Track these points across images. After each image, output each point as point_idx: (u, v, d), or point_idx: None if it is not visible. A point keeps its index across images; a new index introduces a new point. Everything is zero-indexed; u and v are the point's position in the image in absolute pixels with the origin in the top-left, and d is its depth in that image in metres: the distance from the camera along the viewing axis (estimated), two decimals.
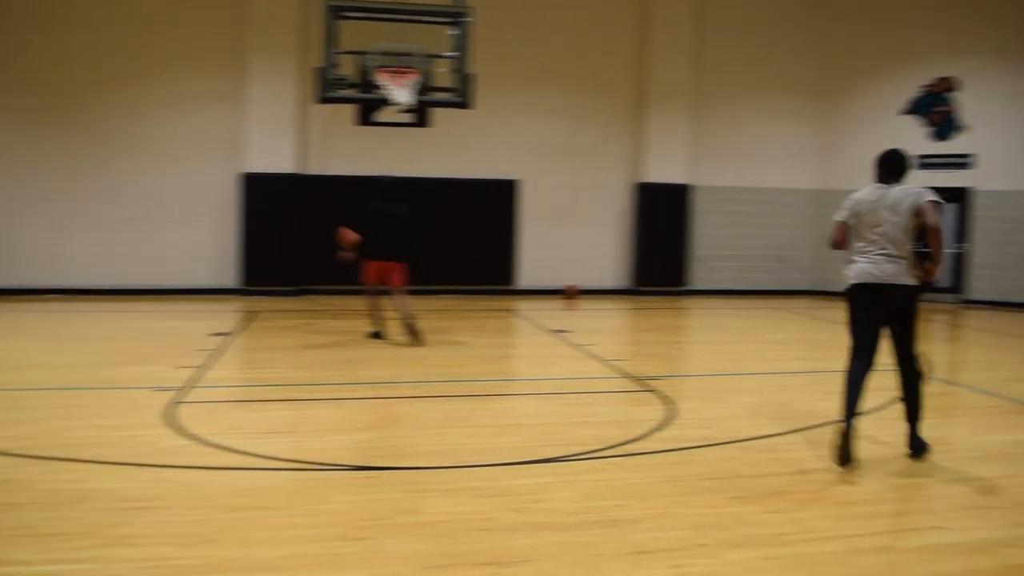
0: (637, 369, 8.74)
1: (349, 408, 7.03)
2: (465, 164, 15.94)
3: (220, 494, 4.63)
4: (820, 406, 7.18)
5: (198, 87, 15.01)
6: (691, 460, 5.48)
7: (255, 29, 14.81)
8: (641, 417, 6.69)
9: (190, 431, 5.86)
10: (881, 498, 4.87)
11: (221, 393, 7.43)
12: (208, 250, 15.22)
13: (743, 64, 17.04)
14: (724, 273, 17.20)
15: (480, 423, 6.51)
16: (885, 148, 5.78)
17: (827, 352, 10.60)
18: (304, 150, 15.37)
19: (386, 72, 11.29)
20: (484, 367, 9.11)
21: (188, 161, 15.05)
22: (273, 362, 8.99)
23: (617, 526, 4.28)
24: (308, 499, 4.61)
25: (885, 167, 5.74)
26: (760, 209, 17.29)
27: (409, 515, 4.37)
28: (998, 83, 15.67)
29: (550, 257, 16.44)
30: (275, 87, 14.96)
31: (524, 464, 5.32)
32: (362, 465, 5.27)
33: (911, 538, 4.22)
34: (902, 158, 5.73)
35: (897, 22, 16.47)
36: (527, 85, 16.15)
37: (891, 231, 5.51)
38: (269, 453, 5.42)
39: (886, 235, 5.53)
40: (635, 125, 16.74)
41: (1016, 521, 4.49)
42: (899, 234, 5.49)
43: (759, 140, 17.24)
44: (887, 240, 5.53)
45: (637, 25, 16.56)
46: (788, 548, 4.05)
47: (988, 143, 15.56)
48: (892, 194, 5.59)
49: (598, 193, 16.69)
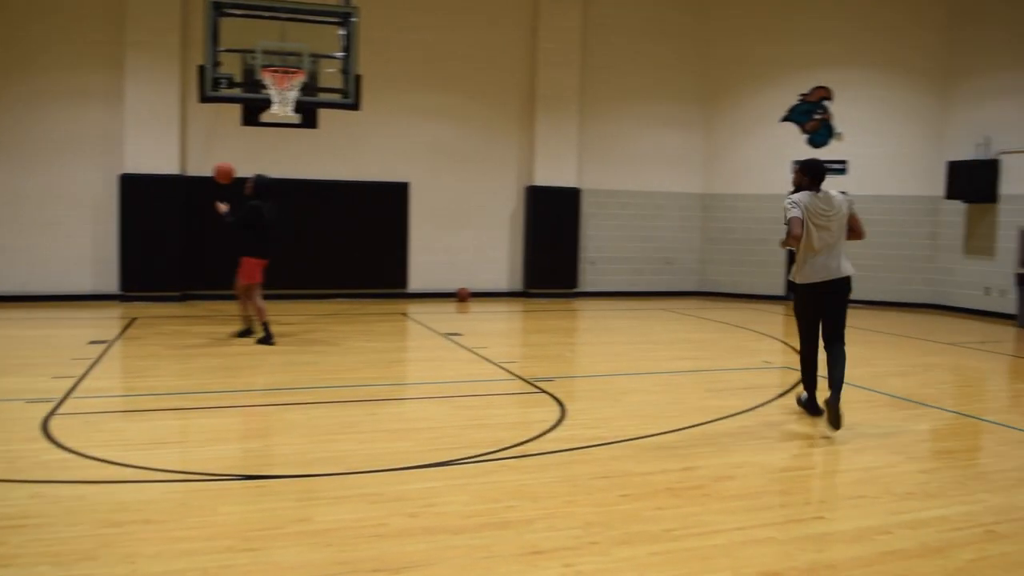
0: (529, 371, 8.80)
1: (237, 416, 6.85)
2: (354, 166, 15.76)
3: (101, 509, 4.45)
4: (707, 404, 7.39)
5: (75, 83, 14.33)
6: (583, 460, 5.55)
7: (134, 24, 14.26)
8: (533, 419, 6.75)
9: (68, 444, 5.61)
10: (764, 491, 5.03)
11: (101, 404, 7.13)
12: (86, 254, 14.57)
13: (630, 71, 17.38)
14: (613, 275, 17.51)
15: (372, 428, 6.44)
16: (802, 157, 6.55)
17: (712, 351, 10.93)
18: (187, 151, 14.91)
19: (271, 72, 11.06)
20: (375, 371, 9.02)
21: (64, 161, 14.36)
22: (156, 370, 8.70)
23: (510, 527, 4.31)
24: (195, 511, 4.47)
25: (817, 175, 6.52)
26: (648, 212, 17.67)
27: (300, 524, 4.29)
28: (866, 92, 16.45)
29: (441, 260, 16.41)
30: (155, 85, 14.44)
31: (417, 469, 5.29)
32: (251, 474, 5.15)
33: (795, 529, 4.37)
34: (825, 167, 6.64)
35: (776, 33, 17.10)
36: (417, 88, 16.07)
37: (837, 232, 6.44)
38: (153, 464, 5.24)
39: (833, 236, 6.43)
40: (525, 128, 16.87)
41: (891, 509, 4.70)
42: (841, 234, 6.46)
43: (646, 145, 17.61)
44: (835, 240, 6.45)
45: (526, 30, 16.70)
46: (677, 543, 4.15)
47: (858, 150, 16.29)
48: (834, 200, 6.48)
49: (489, 196, 16.75)
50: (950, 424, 6.95)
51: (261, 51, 11.08)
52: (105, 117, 14.46)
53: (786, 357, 10.38)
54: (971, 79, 15.39)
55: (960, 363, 10.38)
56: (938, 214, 15.98)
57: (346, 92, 11.64)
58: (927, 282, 16.11)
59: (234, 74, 11.49)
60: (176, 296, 14.61)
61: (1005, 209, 14.58)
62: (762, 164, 17.25)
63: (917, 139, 16.19)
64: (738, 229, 17.58)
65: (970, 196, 14.90)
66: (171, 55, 14.49)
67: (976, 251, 15.21)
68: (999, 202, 14.65)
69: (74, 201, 14.45)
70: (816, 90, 16.78)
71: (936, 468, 5.59)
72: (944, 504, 4.82)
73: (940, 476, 5.38)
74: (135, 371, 8.74)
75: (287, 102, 11.07)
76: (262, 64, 11.05)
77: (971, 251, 15.33)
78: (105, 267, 14.58)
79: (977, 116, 15.15)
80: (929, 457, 5.99)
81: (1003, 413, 7.57)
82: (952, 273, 15.71)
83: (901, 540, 4.23)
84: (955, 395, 8.29)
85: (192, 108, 14.58)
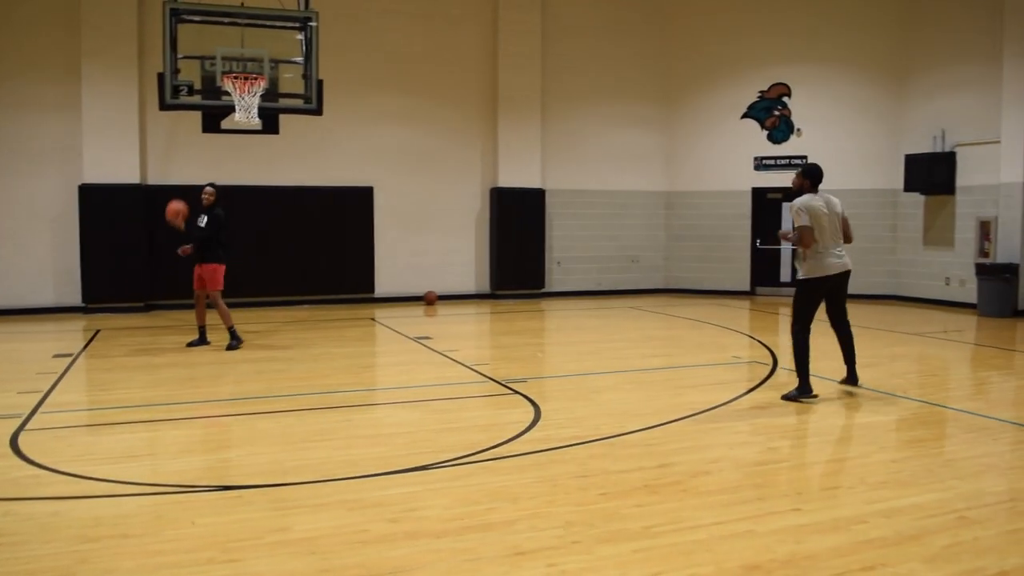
0: (500, 373, 8.81)
1: (207, 426, 6.78)
2: (318, 171, 15.67)
3: (76, 524, 4.38)
4: (679, 400, 7.45)
5: (30, 93, 14.08)
6: (560, 460, 5.57)
7: (89, 32, 14.06)
8: (508, 420, 6.75)
9: (38, 460, 5.52)
10: (741, 485, 5.08)
11: (70, 418, 7.03)
12: (47, 266, 14.34)
13: (591, 71, 17.46)
14: (580, 275, 17.57)
15: (347, 435, 6.41)
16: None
17: (681, 348, 11.01)
18: (147, 159, 14.73)
19: (232, 78, 10.96)
20: (347, 377, 8.97)
21: (22, 172, 14.11)
22: (123, 382, 8.58)
23: (492, 529, 4.31)
24: (172, 523, 4.42)
25: (817, 179, 7.42)
26: (612, 211, 17.77)
27: (279, 533, 4.26)
28: (824, 88, 16.68)
29: (407, 263, 16.36)
30: (113, 93, 14.24)
31: (395, 474, 5.28)
32: (226, 484, 5.10)
33: (773, 521, 4.42)
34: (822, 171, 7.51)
35: (734, 32, 17.28)
36: (379, 91, 16.02)
37: (837, 230, 7.35)
38: (126, 478, 5.17)
39: (837, 233, 7.34)
40: (488, 130, 16.87)
41: (866, 499, 4.76)
42: (838, 231, 7.36)
43: (609, 144, 17.70)
44: (839, 237, 7.37)
45: (487, 32, 16.71)
46: (658, 539, 4.17)
47: (818, 145, 16.49)
48: (831, 201, 7.37)
49: (453, 198, 16.73)
50: (918, 413, 7.05)
51: (221, 57, 10.97)
52: (62, 127, 14.26)
53: (754, 351, 10.48)
54: (926, 73, 15.66)
55: (925, 352, 10.55)
56: (897, 206, 16.24)
57: (308, 97, 11.56)
58: (889, 273, 16.36)
59: (193, 81, 11.35)
60: (140, 307, 14.43)
61: (963, 200, 14.85)
62: (724, 161, 17.41)
63: (875, 133, 16.44)
64: (702, 226, 17.72)
65: (928, 188, 15.15)
66: (128, 63, 14.31)
67: (935, 242, 15.47)
68: (956, 193, 14.92)
69: (33, 212, 14.22)
70: (774, 87, 16.97)
71: (907, 457, 5.67)
72: (917, 492, 4.90)
73: (911, 465, 5.46)
74: (102, 384, 8.62)
75: (249, 108, 10.98)
76: (222, 71, 10.95)
77: (930, 242, 15.58)
78: (67, 278, 14.36)
79: (932, 110, 15.42)
80: (900, 446, 6.07)
81: (969, 401, 7.70)
82: (913, 264, 15.97)
83: (877, 528, 4.29)
84: (922, 384, 8.42)
85: (151, 116, 14.42)
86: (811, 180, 7.43)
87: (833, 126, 16.63)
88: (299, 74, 11.63)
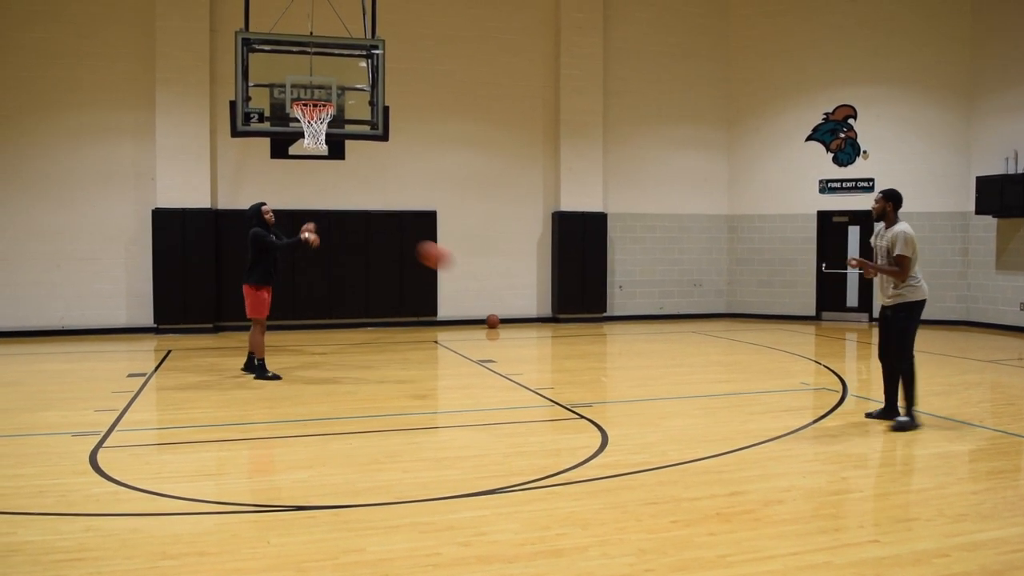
0: (565, 397, 8.79)
1: (278, 447, 6.89)
2: (382, 195, 15.88)
3: (155, 541, 4.48)
4: (747, 427, 7.35)
5: (107, 120, 14.57)
6: (630, 486, 5.53)
7: (163, 61, 14.51)
8: (575, 445, 6.74)
9: (117, 477, 5.67)
10: (815, 515, 4.99)
11: (145, 436, 7.20)
12: (121, 288, 14.76)
13: (653, 94, 17.45)
14: (641, 299, 17.48)
15: (415, 457, 6.46)
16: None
17: (747, 374, 10.86)
18: (217, 184, 15.09)
19: (302, 105, 11.18)
20: (413, 401, 9.03)
21: (98, 196, 14.59)
22: (196, 402, 8.75)
23: (563, 555, 4.30)
24: (247, 542, 4.49)
25: (901, 203, 7.37)
26: (674, 235, 17.67)
27: (354, 554, 4.30)
28: (890, 109, 16.42)
29: (470, 287, 16.45)
30: (185, 120, 14.66)
31: (464, 497, 5.30)
32: (298, 505, 5.17)
33: (850, 553, 4.33)
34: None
35: (798, 54, 17.13)
36: (442, 117, 16.21)
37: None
38: (202, 496, 5.28)
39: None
40: (550, 154, 16.94)
41: (945, 532, 4.65)
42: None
43: (670, 167, 17.63)
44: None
45: (549, 57, 16.81)
46: (734, 569, 4.12)
47: (884, 168, 16.23)
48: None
49: (516, 222, 16.81)
50: (995, 443, 6.87)
51: (291, 85, 11.20)
52: (137, 152, 14.70)
53: (820, 378, 10.31)
54: (997, 93, 15.33)
55: (999, 380, 10.27)
56: (968, 230, 15.88)
57: (374, 123, 11.72)
58: (959, 299, 15.98)
59: (264, 108, 11.61)
60: (209, 328, 14.73)
61: None
62: (788, 184, 17.22)
63: (943, 155, 16.12)
64: (765, 249, 17.53)
65: (1001, 211, 14.79)
66: (200, 90, 14.71)
67: (1009, 266, 15.08)
68: None
69: (108, 236, 14.66)
70: (840, 108, 16.77)
71: (987, 489, 5.52)
72: (999, 526, 4.76)
73: (992, 497, 5.31)
74: (175, 403, 8.81)
75: (317, 135, 11.18)
76: (292, 98, 11.17)
77: (1003, 266, 15.20)
78: (140, 300, 14.74)
79: (1005, 130, 15.08)
80: (978, 478, 5.92)
81: None
82: (984, 289, 15.58)
83: (960, 563, 4.18)
84: (998, 413, 8.20)
85: (222, 142, 14.79)
86: (894, 204, 7.37)
87: (900, 148, 16.36)
88: (365, 100, 11.80)
